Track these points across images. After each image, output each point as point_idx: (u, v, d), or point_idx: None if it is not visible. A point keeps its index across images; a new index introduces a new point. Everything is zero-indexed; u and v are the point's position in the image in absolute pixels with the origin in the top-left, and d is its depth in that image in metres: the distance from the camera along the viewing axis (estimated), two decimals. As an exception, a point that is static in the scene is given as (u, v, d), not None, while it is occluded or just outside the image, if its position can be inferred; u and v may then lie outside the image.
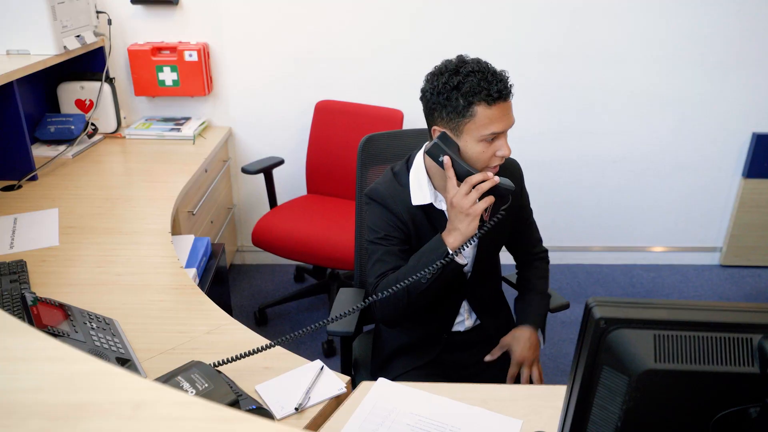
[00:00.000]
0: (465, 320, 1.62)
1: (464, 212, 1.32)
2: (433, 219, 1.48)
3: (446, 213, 1.45)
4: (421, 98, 1.41)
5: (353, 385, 1.30)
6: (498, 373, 1.58)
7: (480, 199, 1.33)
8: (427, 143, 1.43)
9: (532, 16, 2.81)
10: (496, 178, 1.34)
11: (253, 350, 1.23)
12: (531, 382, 1.53)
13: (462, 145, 1.36)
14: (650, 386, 0.69)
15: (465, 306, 1.60)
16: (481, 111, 1.31)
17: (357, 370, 1.76)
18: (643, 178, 3.13)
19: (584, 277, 3.20)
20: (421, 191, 1.46)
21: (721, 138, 3.04)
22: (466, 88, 1.31)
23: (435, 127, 1.39)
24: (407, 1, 2.78)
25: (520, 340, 1.53)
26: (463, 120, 1.33)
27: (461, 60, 1.39)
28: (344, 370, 1.68)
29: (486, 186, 1.33)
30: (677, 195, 3.16)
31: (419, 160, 1.49)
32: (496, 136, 1.35)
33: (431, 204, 1.47)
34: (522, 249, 1.70)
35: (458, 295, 1.58)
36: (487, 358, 1.57)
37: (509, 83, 1.34)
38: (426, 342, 1.60)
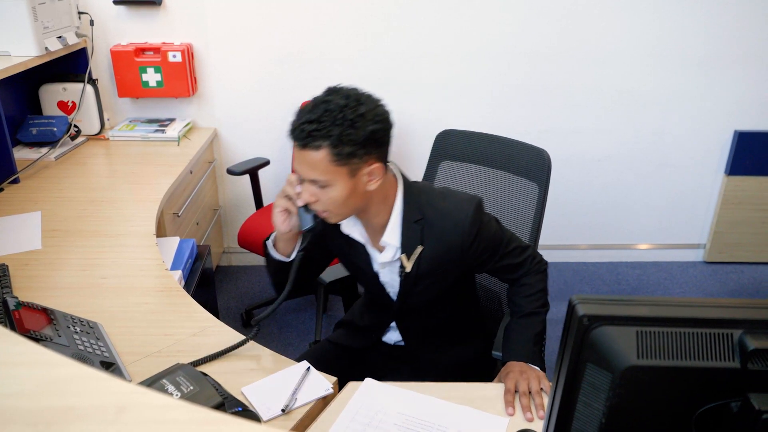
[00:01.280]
0: (391, 335, 1.61)
1: (279, 212, 1.34)
2: (352, 245, 1.45)
3: (366, 247, 1.44)
4: None
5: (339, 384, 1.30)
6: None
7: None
8: None
9: (519, 17, 2.82)
10: (293, 207, 1.32)
11: (229, 349, 1.22)
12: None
13: None
14: (633, 382, 0.69)
15: (394, 326, 1.58)
16: (294, 150, 1.25)
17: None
18: (628, 177, 3.15)
19: (570, 275, 3.22)
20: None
21: (704, 136, 3.07)
22: (291, 126, 1.26)
23: None
24: (393, 0, 2.78)
25: (513, 371, 1.32)
26: None
27: (325, 94, 1.29)
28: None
29: (282, 203, 1.32)
30: (661, 193, 3.19)
31: None
32: (298, 176, 1.28)
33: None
34: (502, 278, 1.57)
35: (387, 313, 1.55)
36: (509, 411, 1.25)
37: (325, 133, 1.19)
38: (363, 333, 1.63)
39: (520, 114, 2.99)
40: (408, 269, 1.40)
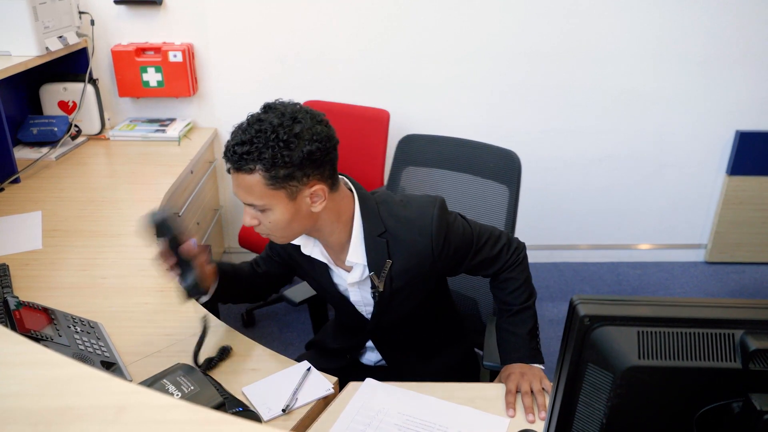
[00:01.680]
0: (370, 356, 1.56)
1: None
2: (314, 264, 1.38)
3: (329, 265, 1.37)
4: None
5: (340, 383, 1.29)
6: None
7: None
8: None
9: (519, 17, 2.82)
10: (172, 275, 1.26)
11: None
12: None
13: None
14: (634, 383, 0.69)
15: (371, 344, 1.52)
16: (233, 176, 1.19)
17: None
18: (629, 177, 3.15)
19: (571, 275, 3.22)
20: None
21: (705, 136, 3.07)
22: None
23: None
24: (393, 0, 2.78)
25: (513, 373, 1.31)
26: None
27: (264, 106, 1.26)
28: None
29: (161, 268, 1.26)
30: (662, 193, 3.19)
31: None
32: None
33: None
34: (481, 274, 1.48)
35: (362, 333, 1.48)
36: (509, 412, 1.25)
37: (257, 156, 1.13)
38: (337, 355, 1.56)
39: (521, 114, 2.99)
40: (381, 288, 1.32)
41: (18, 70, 2.20)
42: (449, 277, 1.55)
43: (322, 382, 1.26)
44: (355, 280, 1.34)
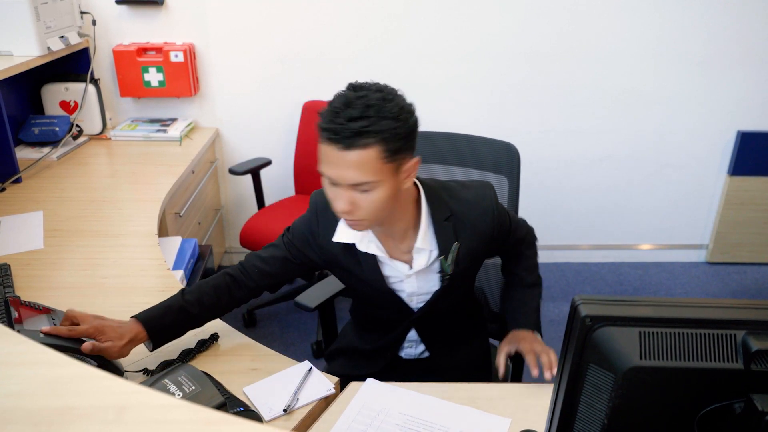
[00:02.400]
0: (412, 348, 1.52)
1: None
2: (361, 259, 1.34)
3: (380, 259, 1.34)
4: None
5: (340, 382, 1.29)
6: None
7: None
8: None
9: (519, 17, 2.82)
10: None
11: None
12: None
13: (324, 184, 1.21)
14: (636, 383, 0.69)
15: (413, 335, 1.49)
16: (322, 147, 1.14)
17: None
18: (630, 177, 3.15)
19: (572, 275, 3.21)
20: (349, 229, 1.30)
21: (707, 136, 3.06)
22: (322, 112, 1.14)
23: None
24: (394, 0, 2.78)
25: (526, 337, 1.41)
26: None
27: (352, 86, 1.18)
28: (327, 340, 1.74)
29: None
30: (664, 193, 3.19)
31: None
32: (333, 182, 1.17)
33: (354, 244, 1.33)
34: (506, 256, 1.57)
35: (404, 324, 1.46)
36: (501, 370, 1.37)
37: (376, 129, 1.10)
38: (373, 356, 1.52)
39: (522, 114, 2.99)
40: (451, 270, 1.34)
41: (20, 70, 2.21)
42: None
43: (323, 382, 1.26)
44: (421, 266, 1.33)
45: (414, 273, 1.35)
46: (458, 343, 1.54)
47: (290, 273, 1.42)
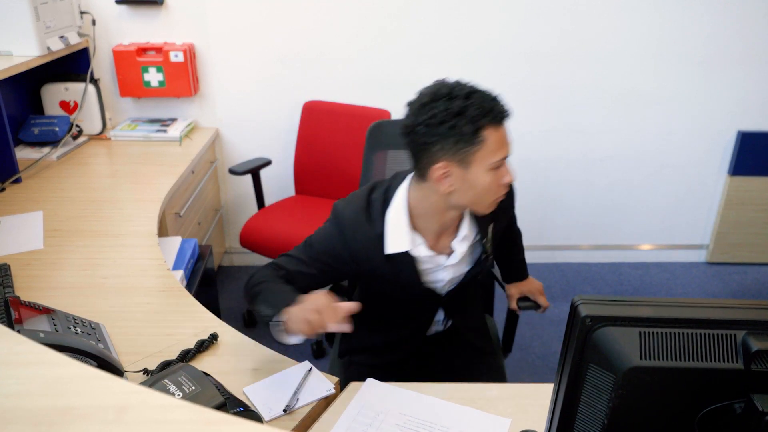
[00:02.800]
0: (439, 325, 1.57)
1: (301, 321, 1.16)
2: (398, 263, 1.34)
3: (420, 259, 1.36)
4: (408, 134, 1.25)
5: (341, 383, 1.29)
6: (464, 371, 1.57)
7: None
8: (412, 182, 1.33)
9: (519, 16, 2.82)
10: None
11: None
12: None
13: (471, 177, 1.22)
14: (636, 383, 0.69)
15: (440, 314, 1.54)
16: (490, 135, 1.19)
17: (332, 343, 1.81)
18: (630, 177, 3.15)
19: (573, 275, 3.21)
20: (399, 237, 1.32)
21: (707, 136, 3.06)
22: (472, 111, 1.17)
23: (436, 166, 1.22)
24: (394, 0, 2.78)
25: (526, 283, 1.69)
26: (471, 148, 1.19)
27: (448, 84, 1.24)
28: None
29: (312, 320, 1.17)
30: (664, 193, 3.19)
31: (401, 199, 1.34)
32: (505, 159, 1.24)
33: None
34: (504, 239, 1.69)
35: (432, 308, 1.51)
36: (518, 309, 1.67)
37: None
38: (397, 343, 1.54)
39: (522, 114, 2.98)
40: (490, 251, 1.41)
41: (19, 70, 2.21)
42: None
43: (323, 383, 1.26)
44: (462, 254, 1.38)
45: (447, 267, 1.40)
46: (475, 301, 1.65)
47: (315, 287, 1.35)
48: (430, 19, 2.81)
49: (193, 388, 1.07)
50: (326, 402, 1.23)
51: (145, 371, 1.26)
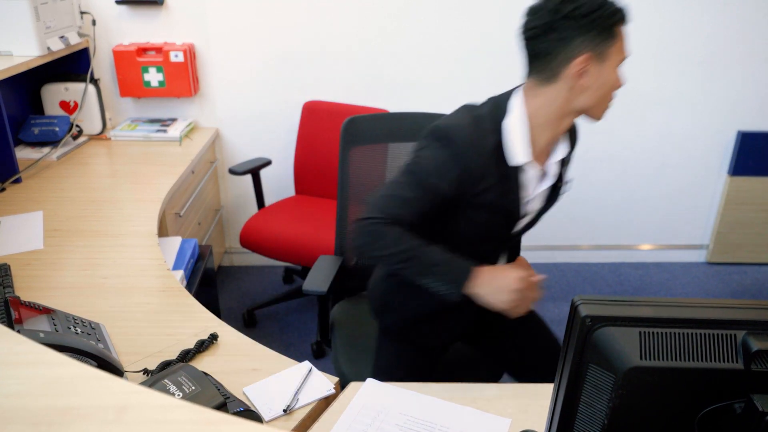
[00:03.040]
0: None
1: (510, 292, 1.23)
2: (510, 181, 1.31)
3: (525, 182, 1.33)
4: (545, 32, 1.22)
5: (341, 382, 1.30)
6: (487, 372, 1.57)
7: None
8: (529, 91, 1.30)
9: (517, 17, 2.81)
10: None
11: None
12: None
13: (605, 73, 1.24)
14: (636, 383, 0.69)
15: (503, 259, 1.52)
16: (620, 32, 1.22)
17: (333, 331, 1.79)
18: (630, 177, 3.15)
19: (572, 275, 3.21)
20: (522, 148, 1.28)
21: (707, 136, 3.06)
22: (609, 7, 1.19)
23: (578, 60, 1.20)
24: (393, 0, 2.78)
25: (521, 259, 1.47)
26: (608, 43, 1.20)
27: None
28: (322, 333, 1.76)
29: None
30: (664, 193, 3.19)
31: (519, 108, 1.29)
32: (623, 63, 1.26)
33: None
34: None
35: (497, 253, 1.48)
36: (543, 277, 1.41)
37: None
38: (459, 308, 1.40)
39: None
40: (566, 177, 1.40)
41: (19, 70, 2.21)
42: None
43: (323, 383, 1.26)
44: (553, 179, 1.38)
45: (542, 191, 1.38)
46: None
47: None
48: (430, 19, 2.81)
49: (193, 388, 1.07)
50: (326, 402, 1.23)
51: (145, 371, 1.26)
